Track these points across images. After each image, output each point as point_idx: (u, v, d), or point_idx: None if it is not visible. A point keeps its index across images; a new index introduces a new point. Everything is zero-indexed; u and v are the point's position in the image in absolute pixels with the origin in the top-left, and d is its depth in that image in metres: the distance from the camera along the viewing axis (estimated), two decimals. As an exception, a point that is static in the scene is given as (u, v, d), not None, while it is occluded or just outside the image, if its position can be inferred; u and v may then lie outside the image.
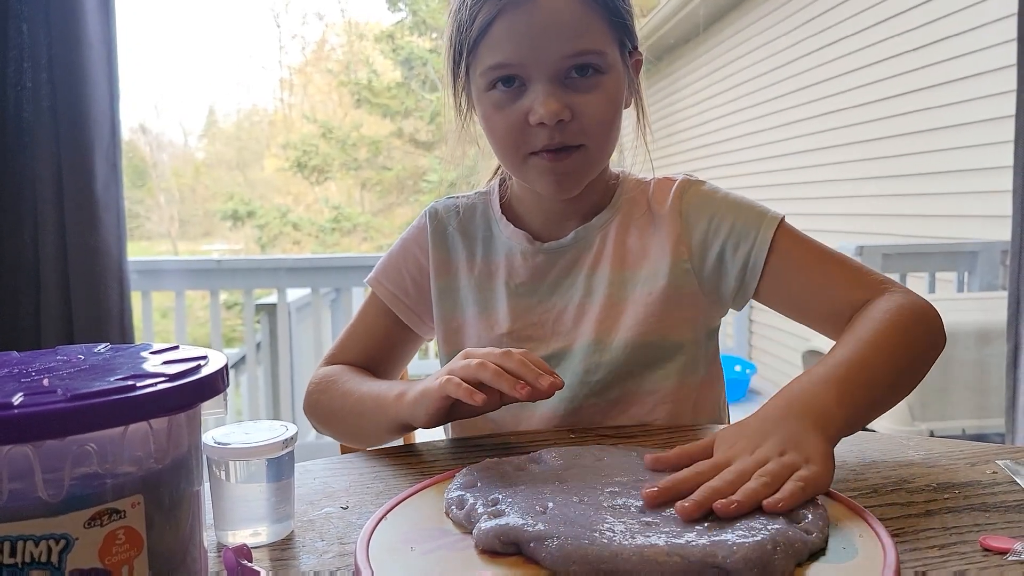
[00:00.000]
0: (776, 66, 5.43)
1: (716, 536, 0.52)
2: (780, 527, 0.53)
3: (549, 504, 0.58)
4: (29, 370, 0.46)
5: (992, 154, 3.38)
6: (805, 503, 0.57)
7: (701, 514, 0.55)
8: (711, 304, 0.92)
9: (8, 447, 0.38)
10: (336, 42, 15.56)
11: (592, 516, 0.55)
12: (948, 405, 2.63)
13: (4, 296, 2.19)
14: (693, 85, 7.03)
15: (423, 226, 0.99)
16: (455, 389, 0.72)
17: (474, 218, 0.98)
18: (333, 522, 0.64)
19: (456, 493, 0.62)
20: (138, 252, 10.73)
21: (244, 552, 0.57)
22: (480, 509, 0.58)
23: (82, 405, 0.39)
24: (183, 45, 20.32)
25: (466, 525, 0.58)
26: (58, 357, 0.50)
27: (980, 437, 2.56)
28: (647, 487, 0.59)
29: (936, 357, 0.79)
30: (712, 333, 0.95)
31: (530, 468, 0.67)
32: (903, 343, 0.76)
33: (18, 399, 0.39)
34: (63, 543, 0.39)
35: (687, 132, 7.16)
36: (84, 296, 2.21)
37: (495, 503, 0.59)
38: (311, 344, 3.89)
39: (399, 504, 0.63)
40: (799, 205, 5.29)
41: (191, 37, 19.78)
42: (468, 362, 0.73)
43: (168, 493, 0.44)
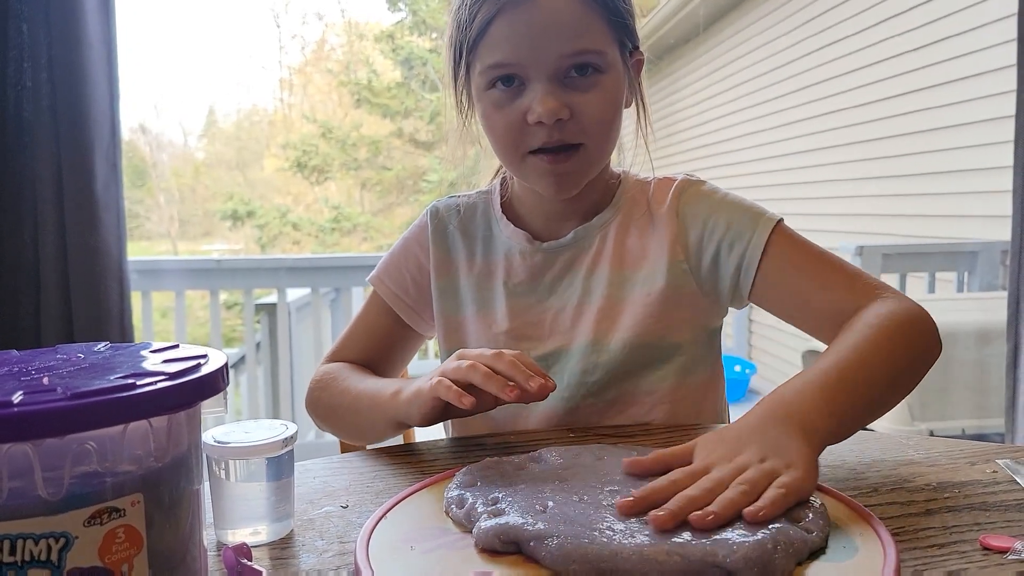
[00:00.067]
0: (776, 66, 5.43)
1: (716, 535, 0.52)
2: (780, 526, 0.53)
3: (549, 503, 0.58)
4: (29, 368, 0.46)
5: (992, 154, 3.38)
6: (804, 503, 0.57)
7: (676, 524, 0.53)
8: (710, 304, 0.91)
9: (8, 445, 0.38)
10: (336, 42, 15.58)
11: (592, 515, 0.55)
12: (948, 405, 2.63)
13: (4, 296, 2.19)
14: (693, 85, 7.03)
15: (424, 225, 0.99)
16: (445, 391, 0.72)
17: (475, 217, 0.98)
18: (333, 521, 0.64)
19: (456, 492, 0.62)
20: (138, 252, 10.73)
21: (244, 551, 0.57)
22: (480, 508, 0.58)
23: (82, 403, 0.39)
24: (183, 45, 20.34)
25: (466, 524, 0.58)
26: (58, 356, 0.50)
27: (980, 437, 2.56)
28: (621, 497, 0.57)
29: (931, 363, 0.77)
30: (713, 334, 0.94)
31: (530, 467, 0.67)
32: (894, 350, 0.74)
33: (18, 397, 0.39)
34: (63, 541, 0.39)
35: (687, 132, 7.16)
36: (84, 296, 2.21)
37: (495, 502, 0.59)
38: (311, 344, 3.89)
39: (399, 503, 0.63)
40: (799, 205, 5.29)
41: (191, 37, 19.80)
42: (460, 364, 0.73)
43: (168, 492, 0.44)
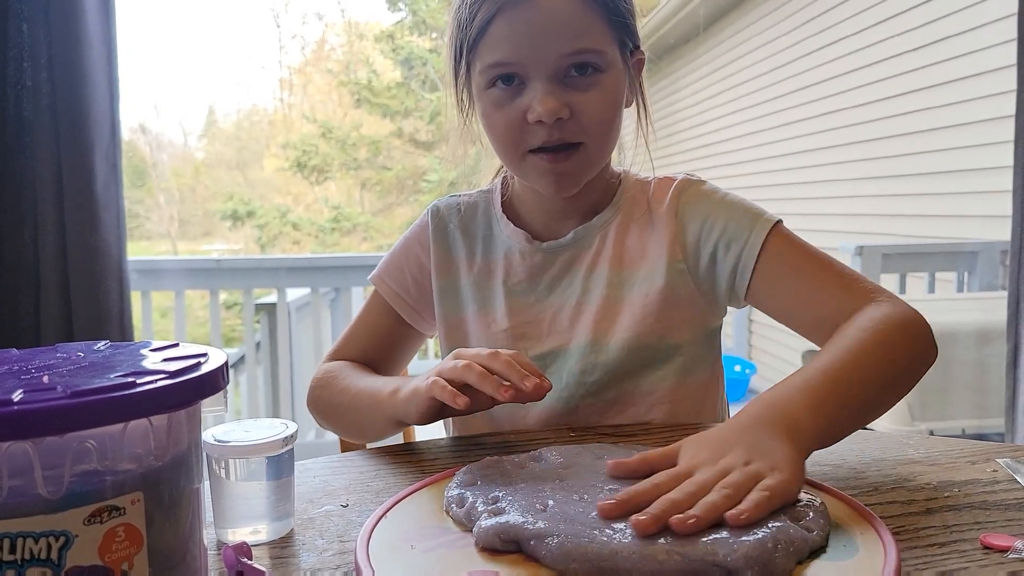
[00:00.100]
0: (776, 66, 5.44)
1: (717, 534, 0.52)
2: (781, 525, 0.53)
3: (549, 502, 0.58)
4: (29, 367, 0.46)
5: (992, 154, 3.38)
6: (801, 500, 0.57)
7: (658, 528, 0.52)
8: (708, 304, 0.91)
9: (8, 443, 0.38)
10: (336, 42, 15.57)
11: (592, 514, 0.55)
12: (948, 405, 2.63)
13: (4, 296, 2.18)
14: (693, 85, 7.03)
15: (425, 224, 1.00)
16: (440, 391, 0.72)
17: (475, 216, 0.98)
18: (333, 520, 0.64)
19: (456, 491, 0.62)
20: (138, 252, 10.71)
21: (244, 550, 0.56)
22: (480, 507, 0.58)
23: (82, 402, 0.39)
24: (183, 45, 20.32)
25: (466, 523, 0.58)
26: (58, 354, 0.50)
27: (980, 437, 2.56)
28: (603, 500, 0.56)
29: (925, 368, 0.76)
30: (712, 334, 0.94)
31: (530, 466, 0.67)
32: (886, 354, 0.73)
33: (18, 396, 0.39)
34: (63, 540, 0.39)
35: (687, 132, 7.17)
36: (84, 296, 2.21)
37: (495, 501, 0.59)
38: (311, 344, 3.89)
39: (399, 502, 0.63)
40: (799, 205, 5.29)
41: (191, 37, 19.78)
42: (456, 363, 0.73)
43: (168, 490, 0.44)
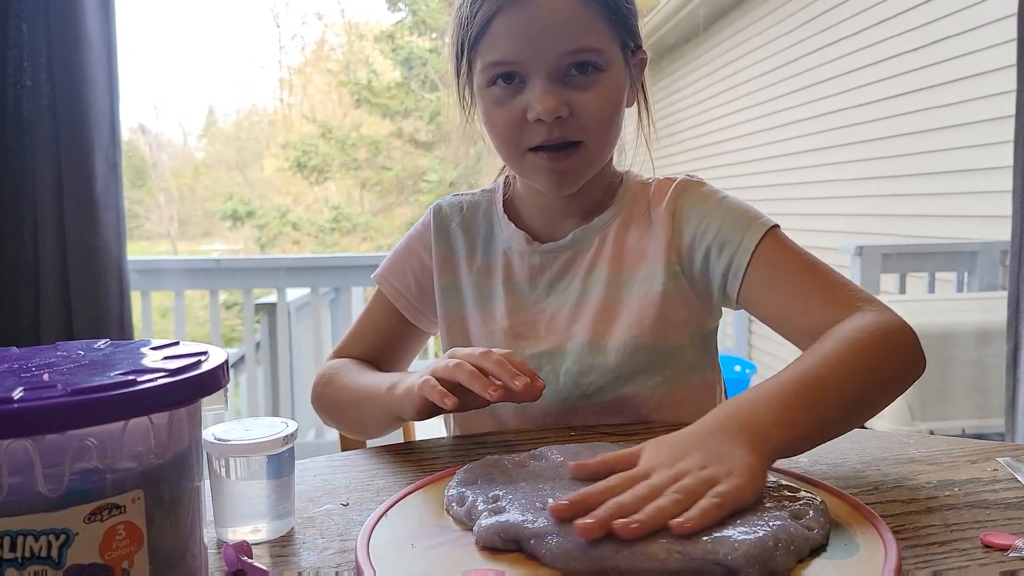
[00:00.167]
0: (776, 66, 5.44)
1: (718, 533, 0.52)
2: (782, 523, 0.53)
3: (549, 501, 0.58)
4: (29, 365, 0.46)
5: (992, 154, 3.38)
6: (802, 499, 0.57)
7: (603, 532, 0.51)
8: (704, 306, 0.90)
9: (8, 441, 0.38)
10: (336, 42, 15.57)
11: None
12: (948, 405, 2.63)
13: (4, 295, 2.18)
14: (693, 85, 7.03)
15: (427, 223, 1.00)
16: (430, 391, 0.73)
17: (477, 215, 0.99)
18: (333, 519, 0.64)
19: (456, 490, 0.62)
20: (137, 252, 10.71)
21: (244, 548, 0.57)
22: (480, 506, 0.58)
23: (82, 400, 0.39)
24: (183, 45, 20.33)
25: (466, 522, 0.58)
26: (58, 353, 0.50)
27: (980, 437, 2.55)
28: (555, 501, 0.56)
29: (911, 377, 0.74)
30: (708, 336, 0.93)
31: (531, 465, 0.67)
32: (865, 363, 0.71)
33: (18, 393, 0.39)
34: (63, 538, 0.39)
35: (687, 132, 7.17)
36: (84, 295, 2.21)
37: (495, 500, 0.59)
38: (310, 344, 3.89)
39: (400, 501, 0.63)
40: (799, 205, 5.29)
41: (191, 37, 19.78)
42: (448, 362, 0.74)
43: (168, 489, 0.44)
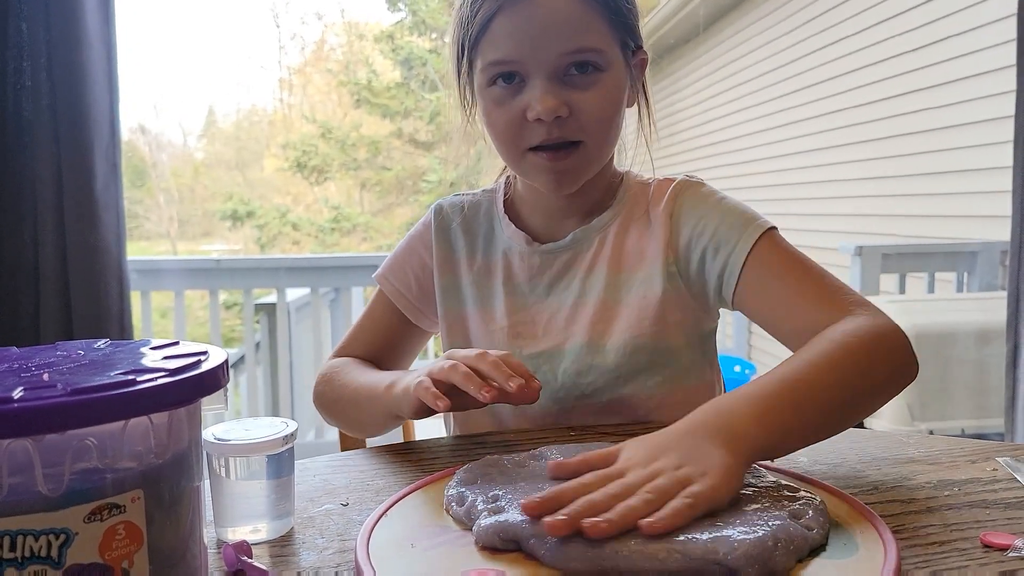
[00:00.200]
0: (776, 66, 5.44)
1: (717, 532, 0.52)
2: (781, 523, 0.53)
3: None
4: (29, 365, 0.46)
5: (992, 154, 3.38)
6: (801, 498, 0.57)
7: (571, 530, 0.51)
8: (701, 307, 0.90)
9: (8, 441, 0.38)
10: (335, 42, 15.56)
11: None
12: (947, 405, 2.63)
13: (4, 295, 2.18)
14: (693, 85, 7.03)
15: (428, 223, 1.00)
16: (424, 393, 0.73)
17: (478, 215, 0.99)
18: (333, 519, 0.64)
19: (456, 490, 0.62)
20: (137, 252, 10.69)
21: (244, 548, 0.57)
22: (480, 506, 0.58)
23: (82, 399, 0.39)
24: (183, 45, 20.31)
25: (466, 522, 0.58)
26: (58, 353, 0.50)
27: (980, 437, 2.55)
28: (528, 498, 0.55)
29: (901, 380, 0.73)
30: (707, 337, 0.93)
31: (530, 465, 0.67)
32: (854, 366, 0.70)
33: (18, 393, 0.39)
34: (63, 538, 0.39)
35: (687, 132, 7.17)
36: (84, 295, 2.21)
37: (495, 500, 0.59)
38: (310, 344, 3.89)
39: (399, 501, 0.63)
40: (798, 205, 5.29)
41: (191, 37, 19.76)
42: (444, 363, 0.74)
43: (168, 489, 0.44)
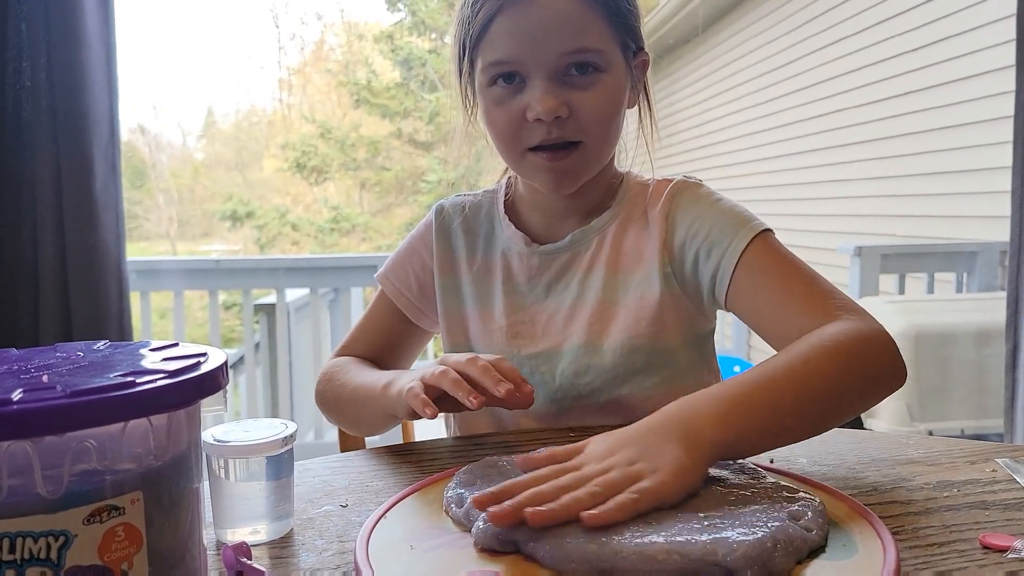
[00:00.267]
0: (775, 67, 5.44)
1: (716, 534, 0.52)
2: (780, 525, 0.53)
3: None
4: (28, 367, 0.46)
5: (991, 155, 3.38)
6: (801, 499, 0.57)
7: (514, 520, 0.53)
8: (696, 308, 0.90)
9: (7, 443, 0.38)
10: (335, 42, 15.55)
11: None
12: (947, 405, 2.63)
13: (3, 296, 2.18)
14: (693, 86, 7.03)
15: (429, 223, 1.00)
16: (412, 399, 0.74)
17: (479, 216, 0.99)
18: (332, 520, 0.64)
19: (455, 491, 0.62)
20: (137, 253, 10.67)
21: (244, 550, 0.56)
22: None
23: (81, 401, 0.39)
24: (182, 45, 20.29)
25: (465, 523, 0.58)
26: (57, 354, 0.50)
27: (979, 437, 2.56)
28: (480, 492, 0.56)
29: (887, 385, 0.73)
30: (704, 338, 0.93)
31: (530, 466, 0.67)
32: (831, 369, 0.69)
33: (17, 395, 0.39)
34: (62, 540, 0.39)
35: (686, 132, 7.17)
36: (83, 296, 2.21)
37: (495, 501, 0.59)
38: (310, 344, 3.89)
39: (399, 502, 0.63)
40: (798, 206, 5.30)
41: (190, 37, 19.74)
42: (436, 369, 0.75)
43: (168, 490, 0.44)
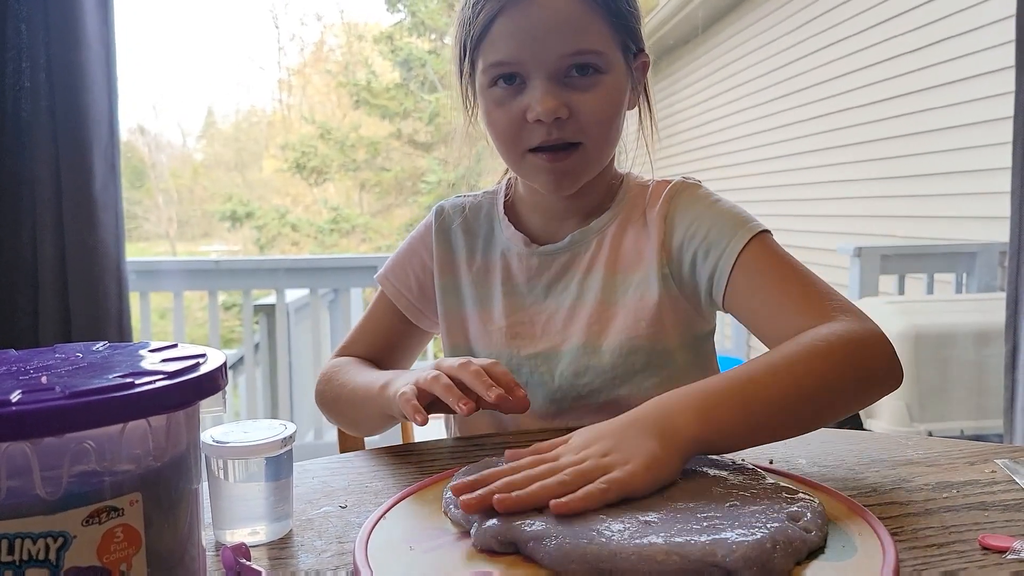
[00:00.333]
0: (775, 67, 5.44)
1: (715, 535, 0.52)
2: (779, 525, 0.53)
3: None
4: (27, 368, 0.46)
5: (991, 155, 3.39)
6: (800, 500, 0.57)
7: (482, 506, 0.56)
8: (695, 309, 0.90)
9: (6, 444, 0.38)
10: (335, 43, 15.55)
11: (590, 515, 0.55)
12: (946, 406, 2.63)
13: (2, 296, 2.18)
14: (693, 86, 7.03)
15: (429, 224, 1.01)
16: (404, 405, 0.74)
17: (479, 216, 0.99)
18: (332, 521, 0.64)
19: (455, 492, 0.62)
20: (136, 253, 10.66)
21: (243, 551, 0.56)
22: (479, 508, 0.58)
23: (80, 402, 0.39)
24: (182, 46, 20.29)
25: (464, 524, 0.58)
26: (56, 355, 0.50)
27: (978, 438, 2.56)
28: (458, 481, 0.59)
29: (878, 387, 0.72)
30: (703, 339, 0.93)
31: (529, 467, 0.67)
32: (818, 369, 0.69)
33: (16, 396, 0.39)
34: (61, 541, 0.39)
35: (686, 133, 7.17)
36: (82, 296, 2.21)
37: (494, 502, 0.59)
38: (309, 345, 3.89)
39: (398, 503, 0.63)
40: (798, 206, 5.30)
41: (190, 38, 19.75)
42: (429, 373, 0.75)
43: (167, 491, 0.44)
